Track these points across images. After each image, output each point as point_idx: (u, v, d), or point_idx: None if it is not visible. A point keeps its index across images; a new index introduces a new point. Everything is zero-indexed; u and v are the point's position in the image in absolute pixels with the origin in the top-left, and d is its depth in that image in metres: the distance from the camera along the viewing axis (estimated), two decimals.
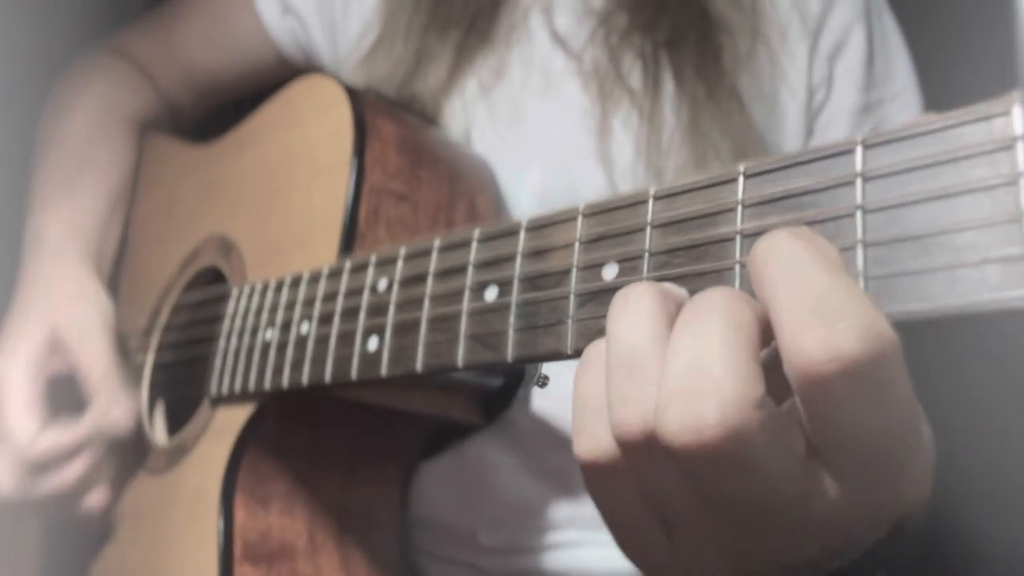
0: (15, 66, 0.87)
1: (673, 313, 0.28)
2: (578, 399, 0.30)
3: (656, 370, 0.27)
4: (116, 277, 0.79)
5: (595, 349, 0.30)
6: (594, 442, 0.29)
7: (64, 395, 0.68)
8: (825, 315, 0.24)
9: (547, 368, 0.56)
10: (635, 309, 0.28)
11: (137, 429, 0.67)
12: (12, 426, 0.65)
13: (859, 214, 0.28)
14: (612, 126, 0.67)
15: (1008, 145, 0.25)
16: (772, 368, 0.27)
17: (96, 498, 0.67)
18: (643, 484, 0.28)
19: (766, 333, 0.27)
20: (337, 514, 0.59)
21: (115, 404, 0.66)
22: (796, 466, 0.26)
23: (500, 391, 0.60)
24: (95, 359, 0.67)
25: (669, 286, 0.30)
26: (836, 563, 0.30)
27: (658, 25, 0.68)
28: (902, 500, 0.27)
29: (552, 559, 0.66)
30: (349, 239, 0.57)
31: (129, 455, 0.68)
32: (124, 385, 0.67)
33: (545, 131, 0.69)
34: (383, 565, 0.61)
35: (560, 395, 0.33)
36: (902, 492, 0.27)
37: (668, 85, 0.67)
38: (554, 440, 0.65)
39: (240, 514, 0.55)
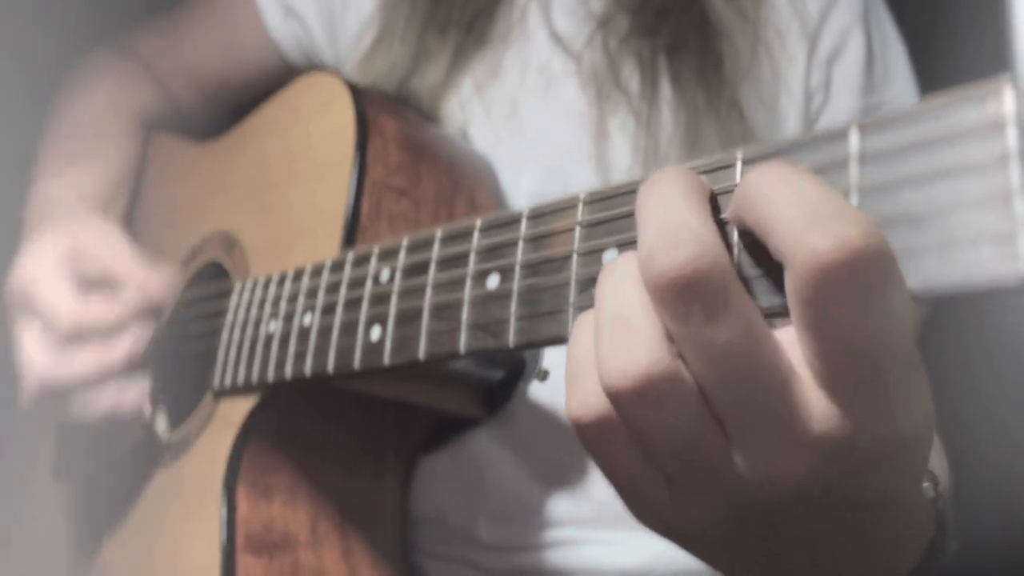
0: (20, 67, 0.88)
1: None
2: (570, 361, 0.32)
3: (643, 323, 0.29)
4: None
5: (586, 316, 0.32)
6: (583, 398, 0.30)
7: None
8: (826, 215, 0.26)
9: (547, 362, 0.57)
10: (622, 273, 0.30)
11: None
12: (45, 296, 0.59)
13: (855, 194, 0.28)
14: (609, 130, 0.67)
15: (999, 125, 0.26)
16: None
17: (133, 394, 0.60)
18: (637, 433, 0.30)
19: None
20: (339, 505, 0.60)
21: (153, 274, 0.61)
22: (784, 367, 0.28)
23: (501, 384, 0.60)
24: (122, 252, 0.63)
25: None
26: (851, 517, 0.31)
27: (659, 30, 0.68)
28: (898, 428, 0.28)
29: (551, 556, 0.66)
30: (351, 234, 0.57)
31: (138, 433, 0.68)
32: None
33: (541, 132, 0.69)
34: (384, 557, 0.62)
35: (560, 390, 0.34)
36: (897, 419, 0.28)
37: (666, 90, 0.67)
38: (554, 436, 0.65)
39: (242, 505, 0.56)
